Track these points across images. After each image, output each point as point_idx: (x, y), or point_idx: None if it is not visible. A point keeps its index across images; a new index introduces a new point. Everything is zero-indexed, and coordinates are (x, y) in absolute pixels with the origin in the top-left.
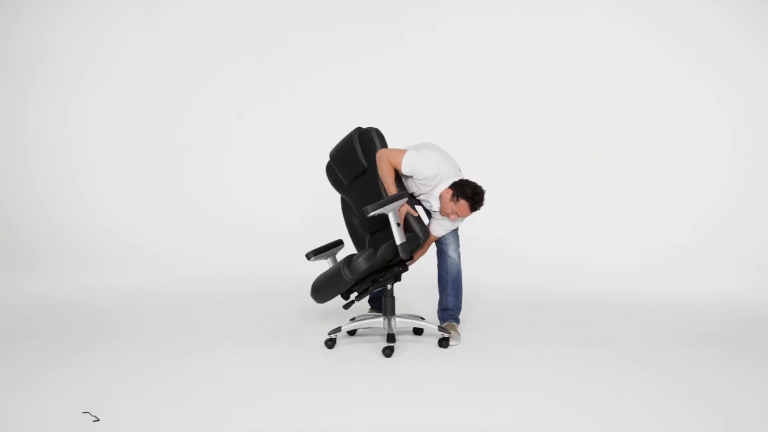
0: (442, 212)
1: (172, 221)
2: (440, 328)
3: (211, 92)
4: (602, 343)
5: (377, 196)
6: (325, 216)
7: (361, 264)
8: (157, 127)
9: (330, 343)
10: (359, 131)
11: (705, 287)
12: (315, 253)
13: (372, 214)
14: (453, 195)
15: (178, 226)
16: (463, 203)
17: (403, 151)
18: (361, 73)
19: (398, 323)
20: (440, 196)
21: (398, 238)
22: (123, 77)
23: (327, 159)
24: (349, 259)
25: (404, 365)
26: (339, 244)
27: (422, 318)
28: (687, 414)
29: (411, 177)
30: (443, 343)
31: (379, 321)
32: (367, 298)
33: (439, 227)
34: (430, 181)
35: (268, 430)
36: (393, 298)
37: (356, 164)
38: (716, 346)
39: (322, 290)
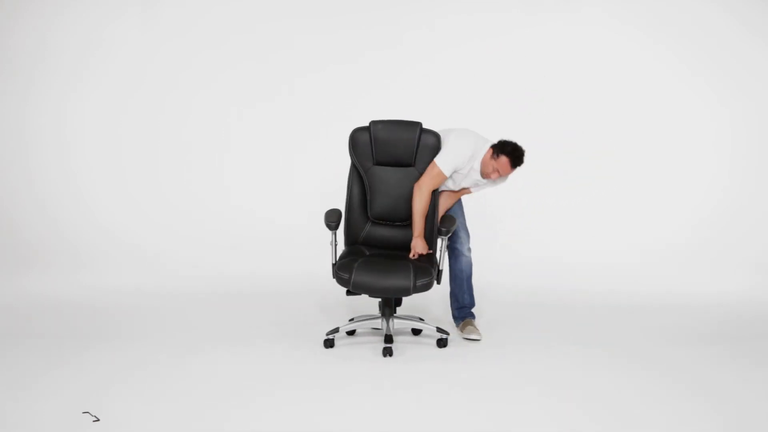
0: (483, 173)
1: (172, 221)
2: (439, 329)
3: (211, 92)
4: (602, 343)
5: (403, 189)
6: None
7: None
8: (157, 127)
9: (329, 344)
10: (422, 128)
11: (705, 287)
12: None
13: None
14: (493, 153)
15: (178, 226)
16: (503, 159)
17: (432, 165)
18: (361, 73)
19: (397, 324)
20: (481, 161)
21: (442, 263)
22: (123, 77)
23: (339, 147)
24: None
25: (404, 365)
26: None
27: (421, 319)
28: (687, 414)
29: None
30: (442, 343)
31: (378, 321)
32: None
33: (474, 186)
34: (470, 161)
35: (268, 430)
36: (392, 300)
37: (404, 156)
38: (716, 346)
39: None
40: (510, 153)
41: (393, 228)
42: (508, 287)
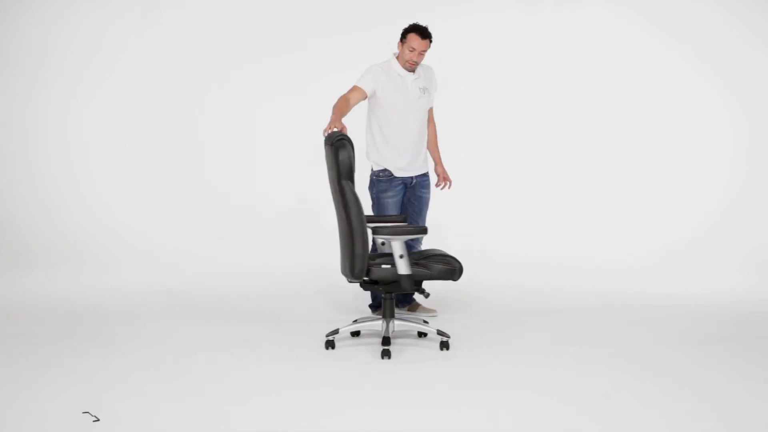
0: (407, 62)
1: (173, 221)
2: (440, 332)
3: (213, 93)
4: (601, 343)
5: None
6: (325, 218)
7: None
8: (158, 127)
9: (330, 345)
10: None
11: (704, 287)
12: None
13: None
14: (400, 41)
15: (179, 226)
16: (410, 36)
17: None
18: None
19: (398, 326)
20: (398, 59)
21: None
22: (124, 78)
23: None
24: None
25: (404, 366)
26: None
27: (425, 321)
28: (686, 414)
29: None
30: (444, 346)
31: (379, 323)
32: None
33: (422, 95)
34: (385, 71)
35: (269, 430)
36: (393, 300)
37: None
38: (715, 345)
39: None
40: (412, 27)
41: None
42: (506, 288)
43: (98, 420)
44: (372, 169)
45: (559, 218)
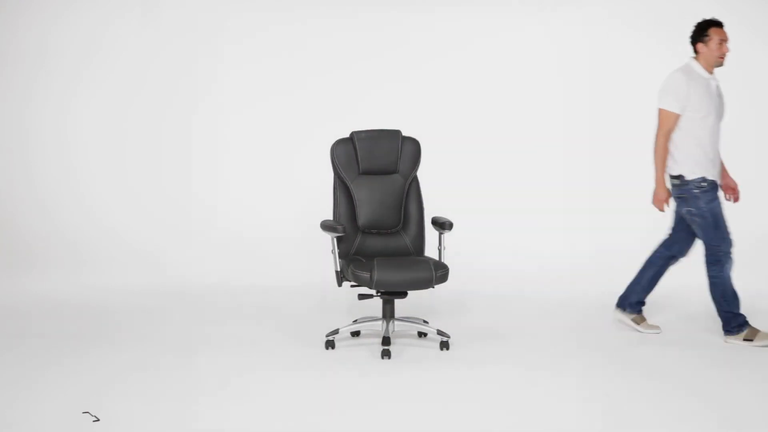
0: (717, 57)
1: (173, 221)
2: (440, 332)
3: (214, 91)
4: (601, 344)
5: (389, 197)
6: (326, 218)
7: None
8: (158, 128)
9: (330, 345)
10: (403, 136)
11: (704, 287)
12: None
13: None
14: (700, 42)
15: (179, 226)
16: (712, 30)
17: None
18: (363, 76)
19: (398, 326)
20: (701, 63)
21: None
22: (124, 78)
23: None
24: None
25: (404, 366)
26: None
27: (425, 321)
28: (686, 414)
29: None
30: (444, 346)
31: (379, 323)
32: None
33: (718, 100)
34: (688, 81)
35: (269, 430)
36: (393, 301)
37: (389, 164)
38: (713, 345)
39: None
40: (708, 23)
41: (383, 236)
42: (506, 288)
43: (98, 420)
44: (683, 179)
45: (559, 218)
